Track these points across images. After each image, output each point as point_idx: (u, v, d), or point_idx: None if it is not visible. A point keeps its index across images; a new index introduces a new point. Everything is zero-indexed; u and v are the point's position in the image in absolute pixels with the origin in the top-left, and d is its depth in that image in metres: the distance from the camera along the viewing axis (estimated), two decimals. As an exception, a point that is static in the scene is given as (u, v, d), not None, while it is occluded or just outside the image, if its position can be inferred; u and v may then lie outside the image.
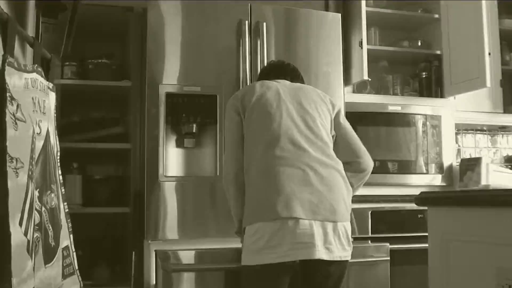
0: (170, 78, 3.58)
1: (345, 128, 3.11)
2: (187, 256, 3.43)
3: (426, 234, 2.29)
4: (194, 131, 3.62)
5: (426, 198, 2.23)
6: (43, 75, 2.76)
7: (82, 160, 4.08)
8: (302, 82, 3.27)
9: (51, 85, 2.90)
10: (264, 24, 3.72)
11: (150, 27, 3.59)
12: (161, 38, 3.59)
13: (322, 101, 3.05)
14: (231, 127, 3.03)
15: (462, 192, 2.47)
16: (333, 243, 2.78)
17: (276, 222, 2.72)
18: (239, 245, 3.11)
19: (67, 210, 3.05)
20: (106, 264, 3.88)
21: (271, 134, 2.87)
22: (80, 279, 3.09)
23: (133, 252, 3.60)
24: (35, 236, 2.45)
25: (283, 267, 2.75)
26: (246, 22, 3.69)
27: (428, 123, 4.50)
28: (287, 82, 3.11)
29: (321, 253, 2.74)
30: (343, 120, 3.13)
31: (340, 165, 2.95)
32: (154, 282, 3.41)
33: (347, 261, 2.91)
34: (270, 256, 2.72)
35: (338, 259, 2.82)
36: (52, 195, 2.80)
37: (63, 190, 3.02)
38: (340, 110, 3.14)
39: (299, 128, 2.89)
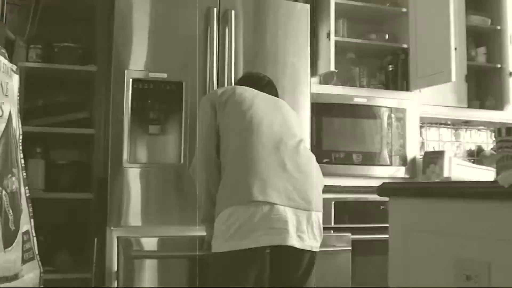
0: (137, 63, 3.55)
1: None
2: (149, 243, 3.42)
3: (388, 225, 2.31)
4: (159, 117, 3.60)
5: (387, 188, 2.25)
6: (7, 57, 2.73)
7: (46, 144, 4.05)
8: (276, 94, 3.33)
9: (14, 67, 2.88)
10: (233, 12, 3.71)
11: (117, 11, 3.55)
12: (128, 23, 3.56)
13: (295, 116, 3.17)
14: (205, 118, 3.04)
15: (422, 183, 2.49)
16: (306, 232, 2.79)
17: (250, 206, 2.72)
18: (203, 233, 3.12)
19: (28, 195, 3.03)
20: (67, 250, 3.87)
21: (249, 123, 2.90)
22: (40, 264, 3.08)
23: (95, 239, 3.58)
24: (-6, 219, 2.43)
25: (255, 252, 2.75)
26: (215, 9, 3.67)
27: (393, 115, 4.53)
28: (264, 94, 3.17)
29: (293, 240, 2.75)
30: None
31: (313, 156, 3.00)
32: (116, 269, 3.40)
33: (316, 252, 2.91)
34: (243, 242, 2.72)
35: (309, 248, 2.82)
36: (13, 178, 2.78)
37: (24, 174, 3.00)
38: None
39: (275, 121, 2.94)
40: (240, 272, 2.81)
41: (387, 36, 4.88)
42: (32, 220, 3.03)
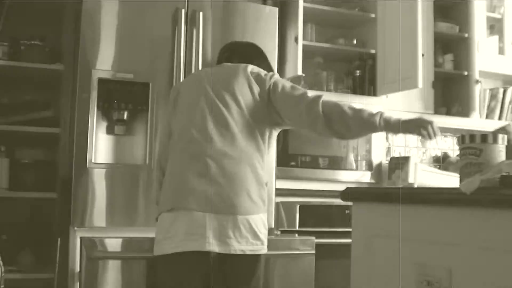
0: (104, 63, 3.53)
1: (281, 96, 2.88)
2: (113, 244, 3.41)
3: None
4: (125, 118, 3.58)
5: (351, 193, 2.26)
6: (-29, 54, 2.70)
7: (10, 143, 4.01)
8: (250, 56, 3.14)
9: (-21, 64, 2.85)
10: (201, 13, 3.71)
11: (85, 10, 3.53)
12: (96, 22, 3.54)
13: (247, 83, 2.90)
14: (165, 116, 3.04)
15: (384, 189, 2.50)
16: (232, 237, 2.73)
17: (171, 213, 2.74)
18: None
19: (-10, 193, 3.00)
20: (30, 250, 3.83)
21: (184, 125, 2.86)
22: (2, 263, 3.04)
23: (59, 239, 3.55)
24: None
25: (182, 257, 2.73)
26: (183, 10, 3.67)
27: (360, 120, 4.55)
28: (217, 68, 3.05)
29: (212, 246, 2.72)
30: (281, 89, 2.88)
31: (251, 157, 2.86)
32: (79, 269, 3.37)
33: (257, 255, 2.87)
34: (166, 246, 2.73)
35: (240, 252, 2.77)
36: (-25, 177, 2.75)
37: (-13, 172, 2.97)
38: (276, 83, 2.89)
39: (212, 119, 2.83)
40: (175, 276, 2.80)
41: (355, 41, 4.91)
42: (-6, 219, 3.00)
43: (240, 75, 2.92)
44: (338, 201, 4.00)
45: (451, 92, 5.28)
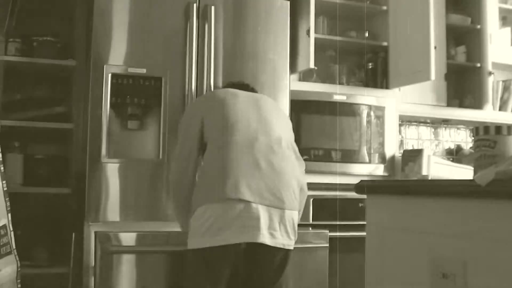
0: (116, 58, 3.53)
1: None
2: (127, 238, 3.41)
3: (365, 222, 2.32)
4: (138, 113, 3.59)
5: (365, 186, 2.26)
6: (-15, 50, 2.71)
7: (24, 138, 4.02)
8: None
9: (-8, 61, 2.86)
10: (213, 7, 3.70)
11: (97, 6, 3.53)
12: (108, 18, 3.55)
13: (279, 112, 3.22)
14: (190, 132, 3.05)
15: (399, 181, 2.49)
16: (278, 230, 2.80)
17: (223, 204, 2.75)
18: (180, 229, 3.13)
19: (5, 189, 3.02)
20: (45, 245, 3.84)
21: (226, 123, 2.93)
22: (18, 258, 3.06)
23: (73, 233, 3.57)
24: (-30, 213, 2.42)
25: (228, 249, 2.76)
26: (195, 5, 3.66)
27: (372, 113, 4.54)
28: (247, 92, 3.20)
29: (265, 238, 2.76)
30: None
31: (293, 158, 3.03)
32: (93, 264, 3.38)
33: (290, 250, 2.92)
34: (215, 238, 2.74)
35: (281, 246, 2.84)
36: (-10, 172, 2.76)
37: (2, 168, 2.98)
38: None
39: (251, 120, 2.96)
40: (214, 268, 2.83)
41: (367, 34, 4.89)
42: (9, 215, 3.02)
43: (273, 104, 3.26)
44: (351, 194, 4.02)
45: (463, 84, 5.26)
